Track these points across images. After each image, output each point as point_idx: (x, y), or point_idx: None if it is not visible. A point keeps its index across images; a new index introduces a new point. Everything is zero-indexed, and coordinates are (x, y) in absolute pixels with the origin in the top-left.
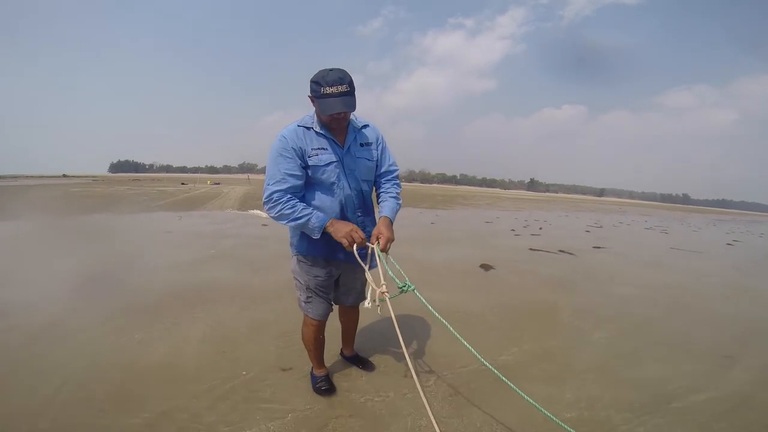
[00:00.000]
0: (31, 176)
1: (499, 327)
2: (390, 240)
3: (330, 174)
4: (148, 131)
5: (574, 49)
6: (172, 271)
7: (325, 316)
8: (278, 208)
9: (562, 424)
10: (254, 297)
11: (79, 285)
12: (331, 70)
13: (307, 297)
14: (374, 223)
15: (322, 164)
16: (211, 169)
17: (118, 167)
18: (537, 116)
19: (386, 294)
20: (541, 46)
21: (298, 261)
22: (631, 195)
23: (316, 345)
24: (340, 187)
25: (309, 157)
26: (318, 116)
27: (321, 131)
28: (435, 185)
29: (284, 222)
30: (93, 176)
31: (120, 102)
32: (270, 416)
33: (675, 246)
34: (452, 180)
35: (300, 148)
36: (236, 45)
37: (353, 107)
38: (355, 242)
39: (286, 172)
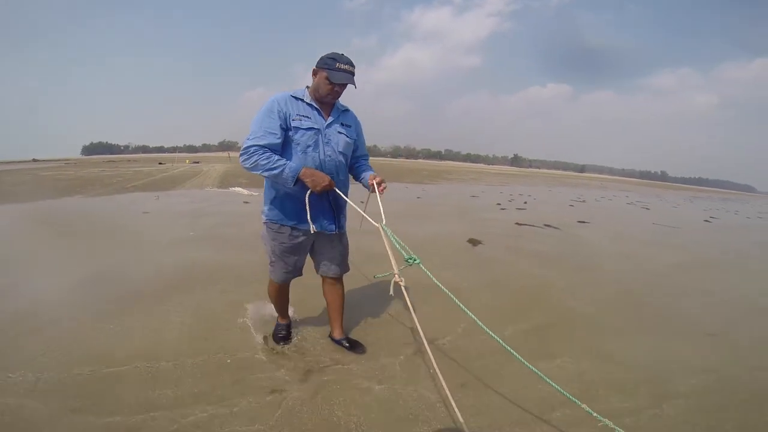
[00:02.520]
0: None
1: (489, 304)
2: (383, 180)
3: (308, 138)
4: (122, 111)
5: (561, 29)
6: (149, 254)
7: (286, 281)
8: (254, 158)
9: (571, 397)
10: (236, 278)
11: (48, 272)
12: (343, 54)
13: (271, 261)
14: (346, 193)
15: (303, 128)
16: (190, 148)
17: (92, 149)
18: (522, 94)
19: (401, 281)
20: (528, 25)
21: (266, 227)
22: (611, 171)
23: (278, 300)
24: (315, 151)
25: (293, 120)
26: (313, 90)
27: (311, 103)
28: (420, 161)
29: (259, 171)
30: (65, 159)
31: (91, 82)
32: (254, 399)
33: (657, 222)
34: (437, 156)
35: (285, 111)
36: (216, 20)
37: (354, 84)
38: (327, 185)
39: (267, 129)
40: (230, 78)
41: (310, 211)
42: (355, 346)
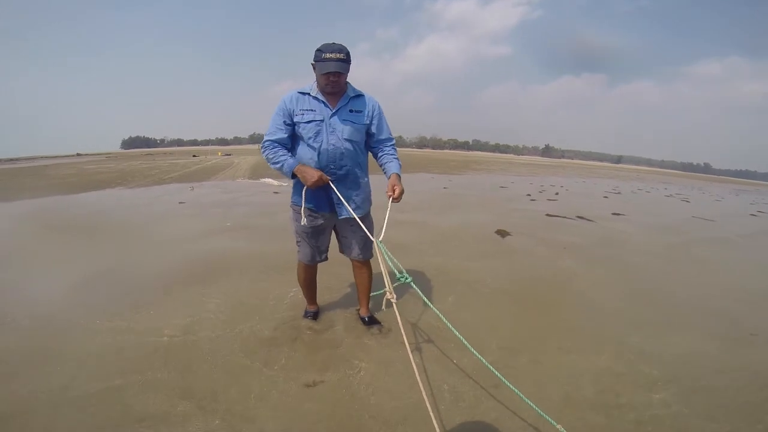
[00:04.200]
0: (46, 156)
1: (516, 296)
2: (402, 192)
3: (309, 130)
4: (158, 106)
5: (594, 17)
6: (184, 243)
7: (311, 261)
8: (266, 153)
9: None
10: (267, 267)
11: (91, 263)
12: (333, 42)
13: (297, 241)
14: (357, 178)
15: (304, 122)
16: (222, 141)
17: (130, 143)
18: (554, 84)
19: (393, 297)
20: (560, 13)
21: (291, 209)
22: (649, 163)
23: (305, 284)
24: (317, 142)
25: (296, 115)
26: (317, 82)
27: (317, 96)
28: (447, 151)
29: (270, 164)
30: (107, 153)
31: (128, 79)
32: (281, 391)
33: (697, 215)
34: (464, 146)
35: (290, 109)
36: (242, 14)
37: (346, 71)
38: (317, 180)
39: (277, 126)
40: (258, 72)
41: (305, 202)
42: (371, 323)
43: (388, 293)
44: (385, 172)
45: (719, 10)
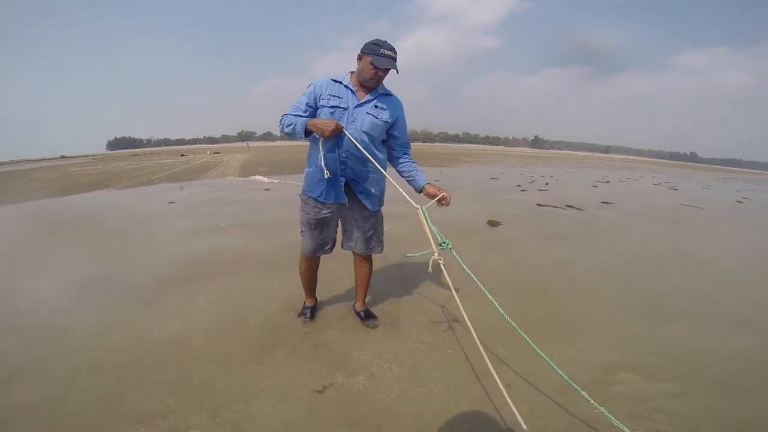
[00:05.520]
0: (31, 160)
1: (509, 285)
2: (449, 196)
3: (329, 115)
4: (143, 106)
5: (583, 8)
6: (175, 243)
7: (313, 252)
8: (282, 122)
9: (572, 383)
10: (260, 265)
11: (81, 265)
12: (386, 41)
13: (301, 231)
14: (369, 172)
15: (327, 106)
16: (210, 140)
17: (116, 144)
18: (543, 75)
19: (440, 259)
20: (549, 4)
21: (301, 198)
22: (637, 152)
23: (306, 277)
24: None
25: (321, 99)
26: (357, 74)
27: (348, 85)
28: (437, 144)
29: (286, 130)
30: (92, 155)
31: (111, 80)
32: (277, 383)
33: (685, 202)
34: (455, 139)
35: (318, 93)
36: (228, 10)
37: (397, 70)
38: (334, 128)
39: (297, 105)
40: (244, 69)
41: (326, 184)
42: (367, 318)
43: (435, 254)
44: (413, 181)
45: (704, 1)
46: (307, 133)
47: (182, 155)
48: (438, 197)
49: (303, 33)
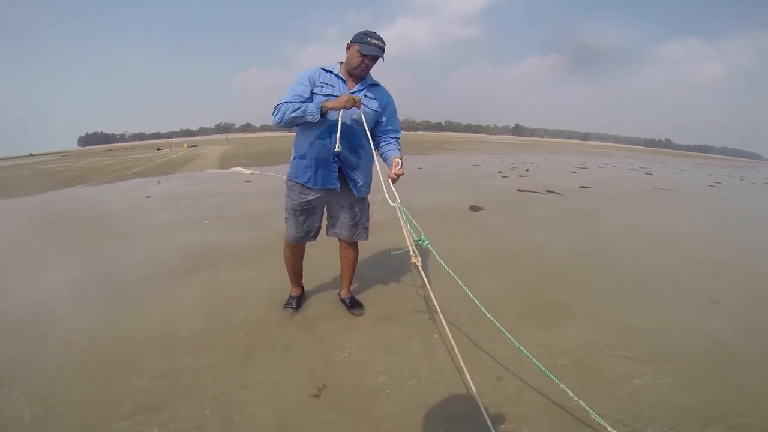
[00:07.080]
0: None
1: (491, 270)
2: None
3: None
4: (116, 100)
5: None
6: (156, 237)
7: (297, 240)
8: (281, 109)
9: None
10: (243, 256)
11: (59, 264)
12: (375, 32)
13: (285, 218)
14: (360, 159)
15: (321, 94)
16: (187, 132)
17: (88, 140)
18: (524, 64)
19: (418, 260)
20: None
21: (286, 185)
22: (615, 139)
23: (290, 264)
24: (328, 116)
25: (316, 87)
26: (346, 63)
27: (338, 74)
28: (420, 133)
29: (288, 116)
30: (63, 152)
31: (81, 73)
32: (265, 374)
33: (659, 186)
34: (437, 127)
35: (314, 79)
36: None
37: (383, 58)
38: (349, 99)
39: (296, 93)
40: (222, 59)
41: (315, 170)
42: (353, 306)
43: (412, 256)
44: (386, 159)
45: None
46: (322, 113)
47: (158, 149)
48: (394, 180)
49: (283, 23)
